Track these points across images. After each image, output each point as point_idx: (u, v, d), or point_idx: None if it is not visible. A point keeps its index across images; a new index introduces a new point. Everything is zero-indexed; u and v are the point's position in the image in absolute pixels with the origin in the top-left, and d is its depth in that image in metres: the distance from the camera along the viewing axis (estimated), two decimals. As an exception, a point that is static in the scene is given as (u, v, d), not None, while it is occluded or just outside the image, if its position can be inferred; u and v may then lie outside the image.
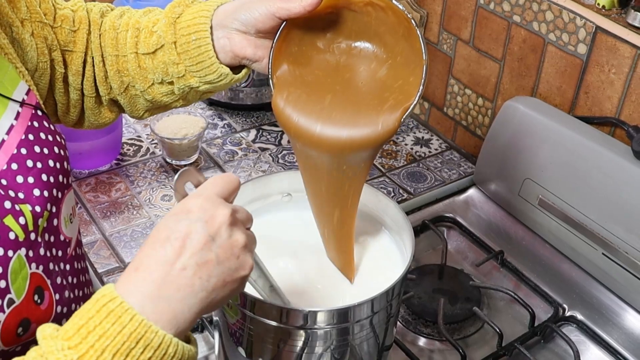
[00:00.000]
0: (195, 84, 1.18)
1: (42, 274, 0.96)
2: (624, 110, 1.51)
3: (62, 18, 1.20)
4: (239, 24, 1.12)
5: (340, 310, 1.07)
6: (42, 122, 1.04)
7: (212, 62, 1.15)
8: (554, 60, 1.62)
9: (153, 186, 1.74)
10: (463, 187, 1.82)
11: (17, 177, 0.96)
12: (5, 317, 0.89)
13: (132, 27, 1.21)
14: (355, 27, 1.10)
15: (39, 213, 0.97)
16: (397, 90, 1.09)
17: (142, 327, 0.77)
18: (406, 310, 1.52)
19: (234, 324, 1.14)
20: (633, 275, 1.46)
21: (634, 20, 1.43)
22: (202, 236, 0.82)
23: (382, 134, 1.07)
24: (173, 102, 1.25)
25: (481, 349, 1.46)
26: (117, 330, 0.76)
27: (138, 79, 1.21)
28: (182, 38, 1.15)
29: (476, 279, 1.60)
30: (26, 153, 0.98)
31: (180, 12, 1.17)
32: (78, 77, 1.23)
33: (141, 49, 1.20)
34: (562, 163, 1.55)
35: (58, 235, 1.03)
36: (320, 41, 1.13)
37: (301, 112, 1.10)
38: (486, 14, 1.75)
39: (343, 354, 1.14)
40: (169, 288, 0.80)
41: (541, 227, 1.64)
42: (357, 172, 1.13)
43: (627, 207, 1.44)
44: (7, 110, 0.99)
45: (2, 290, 0.88)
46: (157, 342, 0.77)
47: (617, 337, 1.48)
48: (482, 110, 1.86)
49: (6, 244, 0.90)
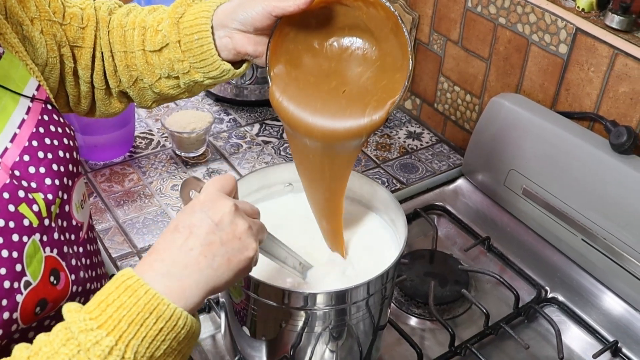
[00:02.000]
0: (200, 79, 1.19)
1: (56, 257, 0.97)
2: (602, 106, 1.51)
3: (70, 16, 1.20)
4: (238, 24, 1.13)
5: (338, 292, 1.07)
6: (52, 116, 1.05)
7: (215, 60, 1.16)
8: (537, 59, 1.62)
9: (163, 177, 1.74)
10: (452, 177, 1.81)
11: (30, 168, 0.97)
12: (24, 298, 0.90)
13: (139, 26, 1.22)
14: (348, 21, 1.10)
15: (51, 200, 0.97)
16: (384, 86, 1.09)
17: (155, 299, 0.80)
18: (399, 293, 1.51)
19: (239, 305, 1.14)
20: (610, 260, 1.46)
21: (611, 22, 1.43)
22: (206, 223, 0.87)
23: (368, 127, 1.08)
24: (179, 94, 1.26)
25: (469, 328, 1.46)
26: (132, 302, 0.79)
27: (146, 74, 1.22)
28: (185, 37, 1.16)
29: (464, 263, 1.60)
30: (37, 145, 0.99)
31: (182, 11, 1.18)
32: (87, 71, 1.23)
33: (148, 47, 1.20)
34: (545, 155, 1.55)
35: (70, 220, 1.04)
36: (314, 36, 1.13)
37: (296, 103, 1.12)
38: (474, 17, 1.74)
39: (341, 333, 1.14)
40: (177, 266, 0.84)
41: (525, 214, 1.64)
42: (345, 160, 1.14)
43: (605, 196, 1.44)
44: (18, 106, 1.00)
45: (19, 273, 0.89)
46: (168, 314, 0.81)
47: (595, 317, 1.48)
48: (469, 106, 1.86)
49: (21, 230, 0.91)
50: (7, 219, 0.90)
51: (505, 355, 1.41)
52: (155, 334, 0.80)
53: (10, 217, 0.90)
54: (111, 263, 1.48)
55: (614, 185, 1.42)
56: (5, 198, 0.91)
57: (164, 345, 0.81)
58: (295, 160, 1.19)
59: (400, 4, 1.92)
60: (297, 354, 1.15)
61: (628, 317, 1.45)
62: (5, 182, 0.92)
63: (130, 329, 0.78)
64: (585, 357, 1.42)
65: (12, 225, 0.90)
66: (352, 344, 1.17)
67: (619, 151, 1.43)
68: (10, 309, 0.88)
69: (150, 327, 0.79)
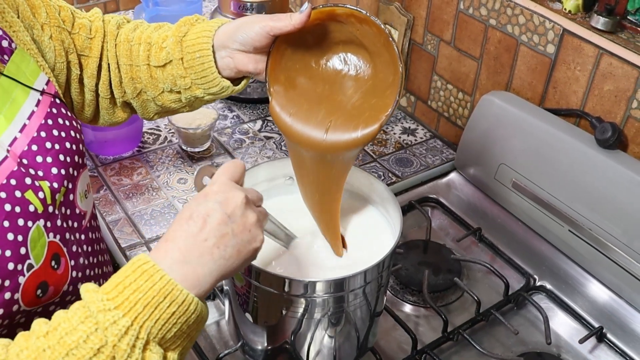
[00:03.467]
0: (200, 95, 1.21)
1: (59, 243, 0.98)
2: (587, 103, 1.51)
3: (79, 26, 1.22)
4: (238, 44, 1.14)
5: (337, 280, 1.07)
6: (60, 109, 1.06)
7: (215, 77, 1.18)
8: (526, 58, 1.62)
9: (170, 170, 1.74)
10: (445, 171, 1.81)
11: (37, 157, 0.98)
12: (25, 280, 0.90)
13: (144, 42, 1.24)
14: (342, 37, 1.10)
15: (57, 189, 0.99)
16: (374, 104, 1.10)
17: (169, 285, 0.82)
18: (395, 281, 1.51)
19: (242, 291, 1.14)
20: (596, 250, 1.46)
21: (596, 24, 1.43)
22: (219, 214, 0.88)
23: (360, 140, 1.10)
24: (180, 108, 1.28)
25: (461, 315, 1.46)
26: (148, 286, 0.81)
27: (150, 87, 1.24)
28: (187, 55, 1.18)
29: (457, 252, 1.60)
30: (45, 136, 1.00)
31: (185, 31, 1.20)
32: (93, 80, 1.25)
33: (152, 62, 1.22)
34: (533, 150, 1.54)
35: (74, 208, 1.05)
36: (311, 53, 1.14)
37: (294, 117, 1.13)
38: (466, 18, 1.74)
39: (339, 319, 1.13)
40: (193, 255, 0.85)
41: (514, 207, 1.64)
42: (340, 168, 1.15)
43: (590, 189, 1.44)
44: (28, 98, 1.01)
45: (23, 256, 0.90)
46: (181, 299, 0.82)
47: (581, 304, 1.48)
48: (462, 103, 1.85)
49: (26, 216, 0.92)
50: (13, 204, 0.91)
51: (495, 341, 1.41)
52: (168, 317, 0.81)
53: (17, 203, 0.91)
54: (120, 253, 1.48)
55: (599, 178, 1.42)
56: (13, 184, 0.92)
57: (175, 328, 0.82)
58: (294, 167, 1.20)
59: (396, 6, 1.92)
60: (298, 339, 1.15)
61: (612, 304, 1.45)
62: (13, 170, 0.93)
63: (145, 311, 0.80)
64: (571, 343, 1.42)
65: (18, 210, 0.91)
66: (349, 330, 1.17)
67: (604, 146, 1.43)
68: (11, 290, 0.89)
69: (164, 311, 0.81)
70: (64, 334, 0.78)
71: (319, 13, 1.07)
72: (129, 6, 2.53)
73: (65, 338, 0.77)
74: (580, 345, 1.40)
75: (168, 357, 0.83)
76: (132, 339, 0.78)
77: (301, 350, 1.17)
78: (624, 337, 1.41)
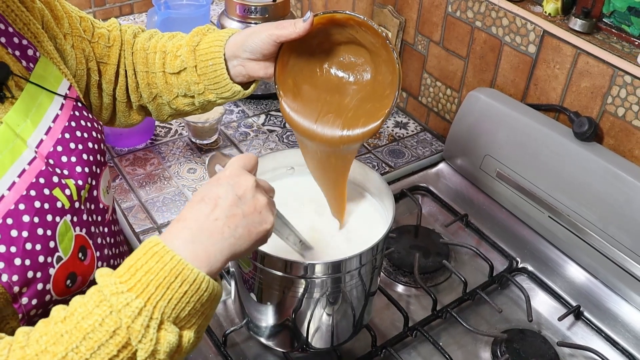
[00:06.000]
0: (213, 99, 1.22)
1: (85, 236, 0.98)
2: (566, 99, 1.50)
3: (98, 35, 1.22)
4: (248, 53, 1.14)
5: (334, 262, 1.06)
6: (82, 112, 1.06)
7: (227, 83, 1.18)
8: (509, 58, 1.61)
9: (181, 161, 1.73)
10: (434, 162, 1.81)
11: (62, 157, 0.97)
12: (55, 271, 0.90)
13: (160, 50, 1.24)
14: (343, 39, 1.11)
15: (81, 186, 0.98)
16: (377, 100, 1.12)
17: (180, 265, 0.80)
18: (388, 263, 1.51)
19: (247, 274, 1.13)
20: (573, 234, 1.46)
21: (574, 25, 1.42)
22: (231, 196, 0.86)
23: (362, 136, 1.11)
24: (193, 111, 1.28)
25: (449, 294, 1.46)
26: (159, 267, 0.79)
27: (165, 92, 1.24)
28: (201, 63, 1.18)
29: (445, 237, 1.60)
30: (69, 137, 1.00)
31: (198, 40, 1.20)
32: (110, 85, 1.25)
33: (168, 69, 1.22)
34: (516, 142, 1.54)
35: (98, 203, 1.04)
36: (315, 56, 1.14)
37: (301, 115, 1.14)
38: (453, 20, 1.73)
39: (336, 298, 1.13)
40: (203, 234, 0.83)
41: (498, 194, 1.63)
42: (346, 157, 1.16)
43: (569, 179, 1.44)
44: (53, 103, 1.01)
45: (52, 249, 0.90)
46: (192, 277, 0.80)
47: (560, 284, 1.47)
48: (450, 99, 1.85)
49: (54, 212, 0.92)
50: (42, 201, 0.90)
51: (481, 318, 1.41)
52: (180, 296, 0.79)
53: (45, 200, 0.91)
54: (134, 237, 1.48)
55: (577, 169, 1.42)
56: (42, 183, 0.92)
57: (189, 307, 0.80)
58: (304, 156, 1.20)
59: (389, 9, 1.91)
60: (298, 317, 1.15)
61: (589, 285, 1.45)
62: (41, 169, 0.93)
63: (158, 292, 0.78)
64: (551, 320, 1.42)
65: (47, 206, 0.91)
66: (346, 309, 1.17)
67: (581, 139, 1.43)
68: (43, 281, 0.89)
69: (176, 290, 0.79)
70: (80, 319, 0.76)
71: (320, 19, 1.07)
72: (142, 9, 2.52)
73: (82, 322, 0.76)
74: (559, 323, 1.40)
75: (184, 335, 0.81)
76: (146, 320, 0.77)
77: (301, 327, 1.17)
78: (600, 315, 1.41)
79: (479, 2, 1.63)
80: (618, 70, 1.36)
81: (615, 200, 1.36)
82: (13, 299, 0.86)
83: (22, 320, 0.88)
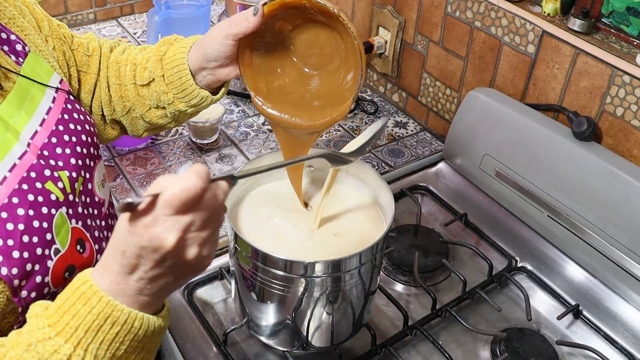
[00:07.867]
0: (183, 108, 1.20)
1: (81, 228, 0.98)
2: (565, 99, 1.51)
3: (78, 44, 1.22)
4: (213, 63, 1.13)
5: (334, 261, 1.06)
6: (74, 105, 1.07)
7: (193, 89, 1.17)
8: (508, 58, 1.61)
9: (181, 161, 1.73)
10: (434, 161, 1.81)
11: (57, 149, 0.98)
12: (54, 263, 0.91)
13: (130, 63, 1.24)
14: (299, 21, 1.10)
15: (75, 178, 0.99)
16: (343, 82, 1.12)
17: (109, 307, 0.75)
18: (388, 262, 1.51)
19: (248, 273, 1.13)
20: (572, 233, 1.46)
21: (573, 25, 1.42)
22: (151, 261, 0.75)
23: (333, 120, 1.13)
24: (167, 124, 1.26)
25: (449, 293, 1.46)
26: (87, 311, 0.75)
27: (137, 104, 1.23)
28: (168, 72, 1.18)
29: (444, 236, 1.60)
30: (63, 129, 1.01)
31: (165, 50, 1.20)
32: (89, 96, 1.24)
33: (138, 81, 1.22)
34: (515, 142, 1.54)
35: (93, 197, 1.05)
36: (278, 44, 1.14)
37: (272, 106, 1.15)
38: (453, 20, 1.73)
39: (336, 297, 1.13)
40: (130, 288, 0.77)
41: (498, 194, 1.63)
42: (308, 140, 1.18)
43: (567, 178, 1.44)
44: (45, 96, 1.02)
45: (49, 241, 0.91)
46: (123, 318, 0.76)
47: (559, 283, 1.47)
48: (449, 99, 1.85)
49: (49, 204, 0.92)
50: (35, 194, 0.91)
51: (480, 317, 1.41)
52: (112, 337, 0.76)
53: (39, 193, 0.92)
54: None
55: (575, 168, 1.42)
56: (33, 177, 0.92)
57: (124, 346, 0.77)
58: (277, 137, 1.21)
59: (389, 10, 1.91)
60: (298, 316, 1.15)
61: (588, 284, 1.45)
62: (32, 163, 0.93)
63: (88, 335, 0.75)
64: (550, 319, 1.42)
65: (41, 199, 0.92)
66: (346, 307, 1.17)
67: (580, 138, 1.43)
68: (42, 273, 0.89)
69: (107, 332, 0.75)
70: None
71: (272, 5, 1.06)
72: (143, 9, 2.51)
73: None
74: (558, 322, 1.40)
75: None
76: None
77: (301, 325, 1.17)
78: (598, 314, 1.41)
79: (479, 2, 1.63)
80: (617, 70, 1.37)
81: (614, 199, 1.36)
82: (13, 292, 0.86)
83: (22, 314, 0.88)
